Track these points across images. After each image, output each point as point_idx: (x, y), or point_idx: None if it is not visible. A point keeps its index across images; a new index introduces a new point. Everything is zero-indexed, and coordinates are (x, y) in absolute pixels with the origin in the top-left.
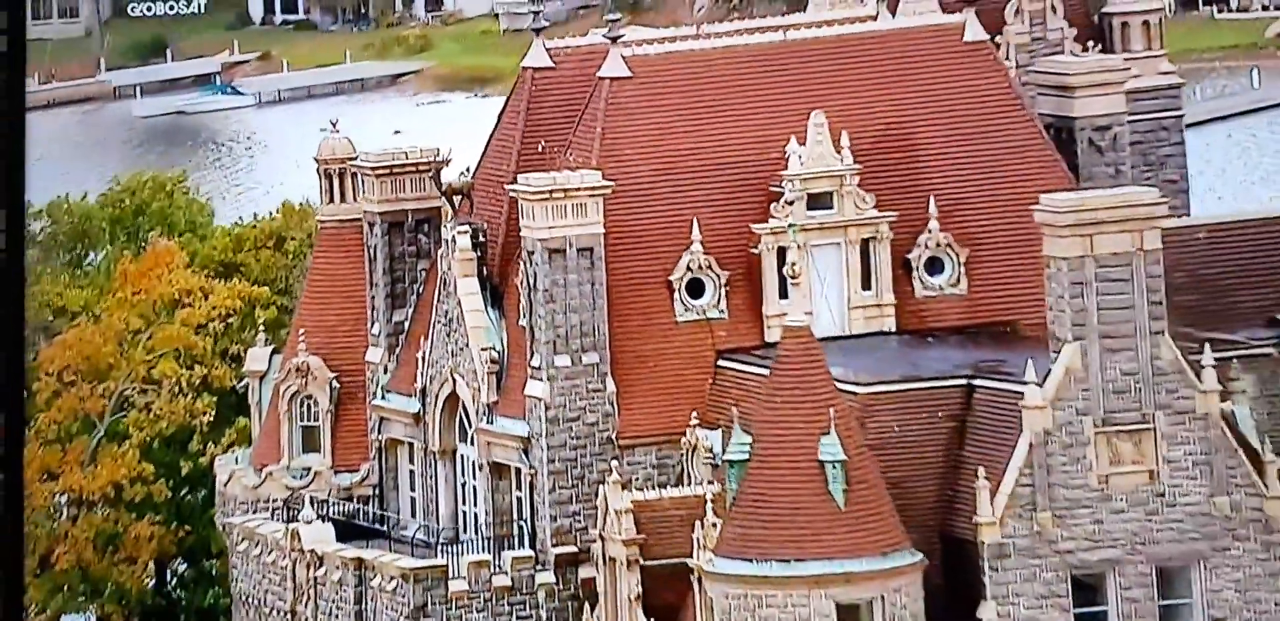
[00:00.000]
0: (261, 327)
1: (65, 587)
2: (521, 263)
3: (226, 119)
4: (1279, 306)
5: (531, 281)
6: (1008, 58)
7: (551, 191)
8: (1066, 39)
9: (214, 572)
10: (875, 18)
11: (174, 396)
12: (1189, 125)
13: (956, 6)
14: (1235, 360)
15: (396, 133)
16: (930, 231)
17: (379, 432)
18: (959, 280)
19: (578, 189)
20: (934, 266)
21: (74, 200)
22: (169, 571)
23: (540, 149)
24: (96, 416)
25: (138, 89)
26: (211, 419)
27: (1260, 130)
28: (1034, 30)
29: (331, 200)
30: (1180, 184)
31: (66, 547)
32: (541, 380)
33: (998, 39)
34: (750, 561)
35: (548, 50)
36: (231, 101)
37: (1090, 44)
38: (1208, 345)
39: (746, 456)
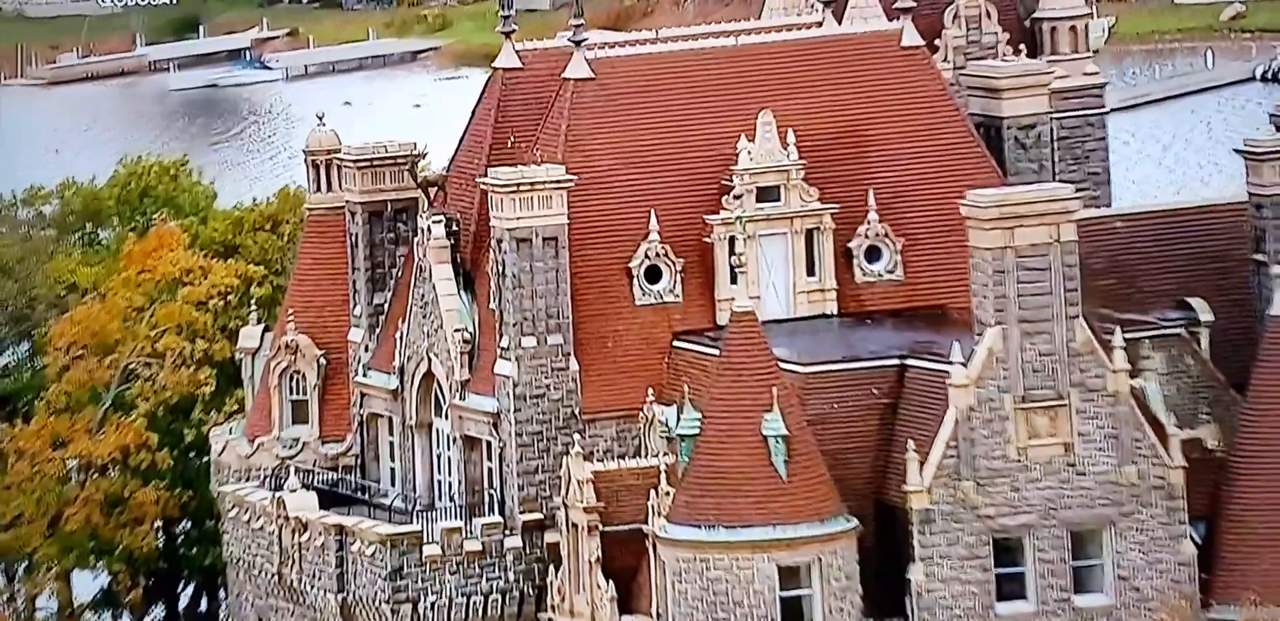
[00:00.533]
0: (254, 306)
1: (75, 547)
2: (491, 250)
3: (256, 92)
4: (1187, 290)
5: (500, 268)
6: (946, 59)
7: (518, 184)
8: (1000, 42)
9: (217, 533)
10: (821, 24)
11: (176, 368)
12: (1155, 101)
13: (900, 13)
14: (1146, 340)
15: (416, 106)
16: (869, 222)
17: (360, 407)
18: (896, 267)
19: (543, 182)
20: (873, 254)
21: (83, 182)
22: (174, 532)
23: (509, 144)
24: (103, 387)
25: (173, 63)
26: (212, 389)
27: (1215, 106)
28: (970, 34)
29: (319, 189)
30: (1102, 176)
31: (76, 509)
32: (509, 360)
33: (937, 42)
34: (699, 527)
35: (516, 52)
36: (260, 75)
37: (1021, 47)
38: (1118, 328)
39: (697, 431)
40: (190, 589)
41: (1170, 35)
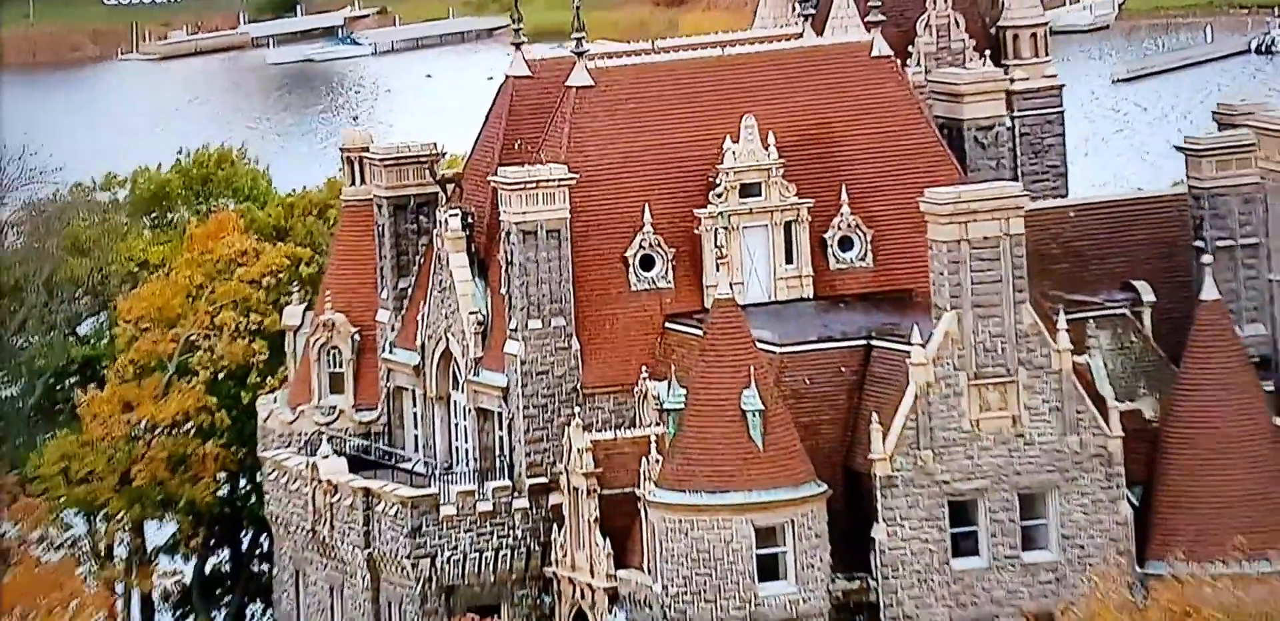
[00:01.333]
0: (301, 285)
1: (143, 500)
2: (501, 241)
3: (348, 66)
4: (1133, 274)
5: (509, 258)
6: (919, 64)
7: (525, 182)
8: (967, 48)
9: None
10: (800, 36)
11: (233, 340)
12: (1161, 72)
13: (871, 26)
14: (1091, 319)
15: (489, 78)
16: (842, 215)
17: (387, 381)
18: (866, 255)
19: (547, 180)
20: (845, 244)
21: (154, 168)
22: (233, 485)
23: (516, 146)
24: (167, 357)
25: (272, 39)
26: (265, 358)
27: (1216, 76)
28: (940, 41)
29: (353, 182)
30: (1060, 167)
31: (142, 467)
32: (518, 340)
33: (910, 48)
34: (685, 492)
35: (526, 61)
36: (351, 51)
37: (987, 52)
38: (1062, 310)
39: (682, 405)
40: (249, 535)
41: (1175, 11)
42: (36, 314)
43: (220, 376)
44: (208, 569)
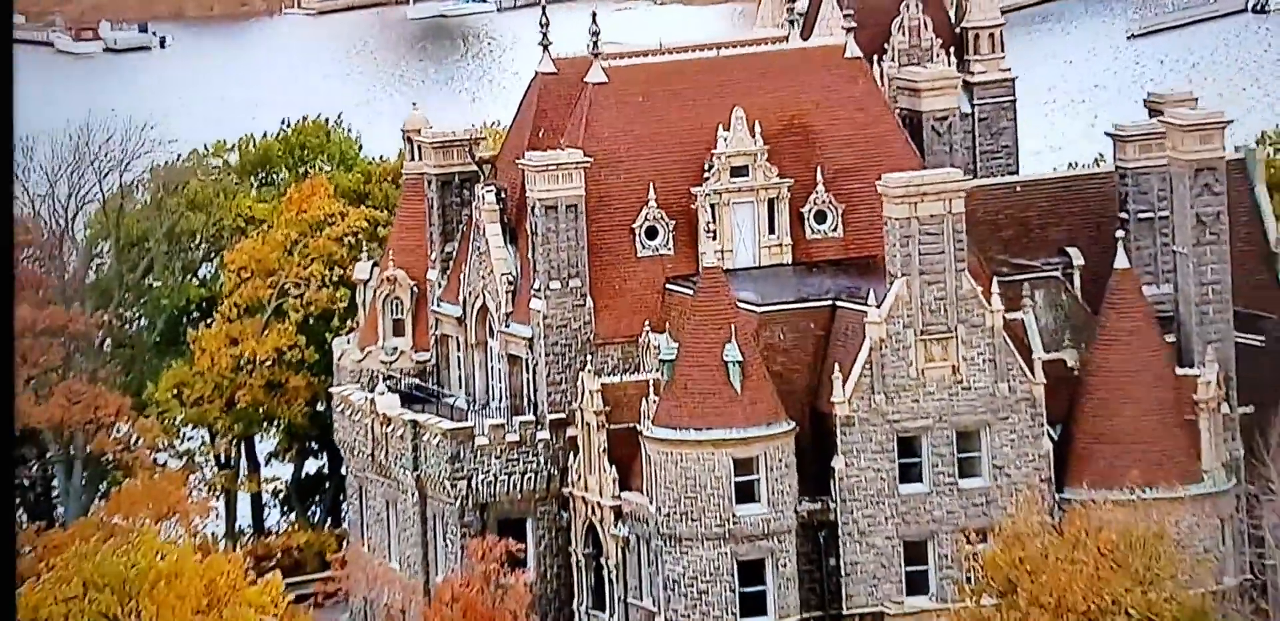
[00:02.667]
0: (378, 244)
1: (246, 420)
2: (528, 214)
3: (475, 21)
4: (1069, 241)
5: (534, 228)
6: (893, 59)
7: (547, 165)
8: (935, 46)
9: None
10: (786, 39)
11: (320, 289)
12: (1170, 28)
13: (846, 30)
14: (1027, 281)
15: (594, 33)
16: (817, 193)
17: (435, 329)
18: (837, 227)
19: (566, 163)
20: (820, 217)
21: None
22: (318, 409)
23: (539, 135)
24: (265, 301)
25: None
26: (346, 305)
27: (1221, 32)
28: (912, 39)
29: (413, 158)
30: (1011, 148)
31: (245, 392)
32: (541, 298)
33: (886, 45)
34: (675, 429)
35: (553, 59)
36: (478, 7)
37: (952, 49)
38: (998, 274)
39: (674, 356)
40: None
41: None
42: (160, 260)
43: (309, 319)
44: (303, 474)
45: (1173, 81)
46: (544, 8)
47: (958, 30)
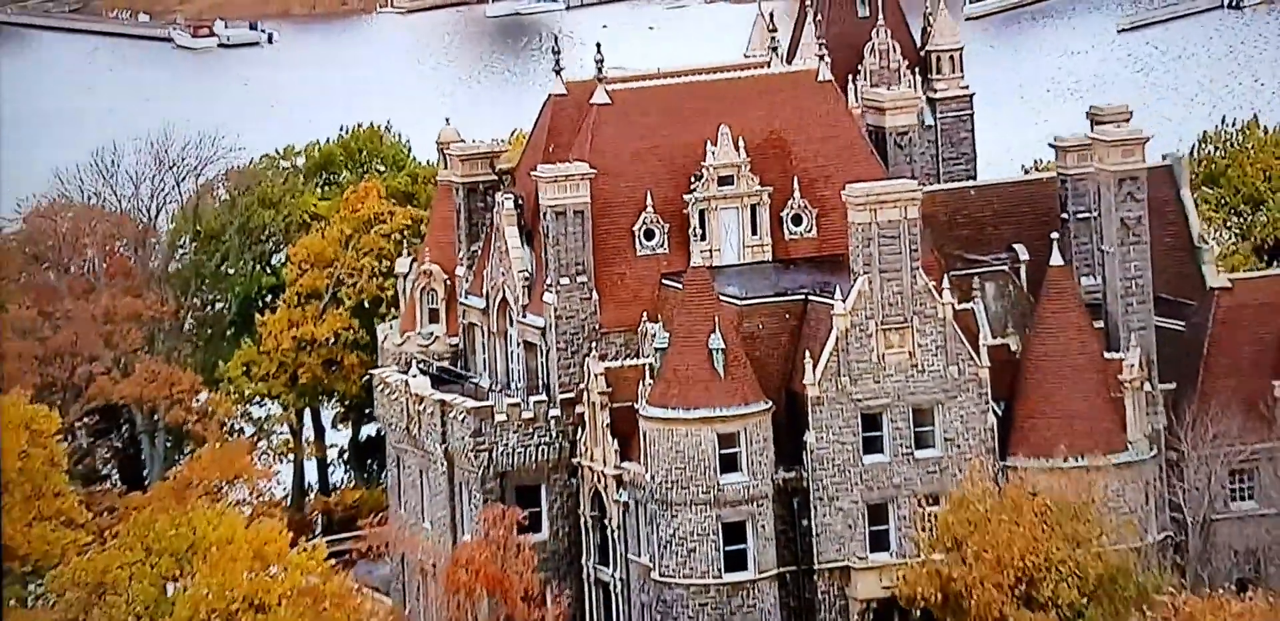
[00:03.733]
0: (417, 242)
1: (307, 393)
2: (541, 218)
3: (546, 19)
4: (1018, 238)
5: (546, 231)
6: (866, 79)
7: (557, 176)
8: (902, 67)
9: None
10: (768, 64)
11: (370, 279)
12: (1153, 23)
13: (819, 57)
14: (977, 275)
15: (650, 28)
16: (794, 199)
17: (463, 318)
18: (811, 229)
19: (573, 174)
20: (796, 220)
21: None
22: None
23: (550, 150)
24: (323, 289)
25: None
26: (393, 293)
27: (1201, 26)
28: (882, 61)
29: (445, 167)
30: (970, 155)
31: (306, 369)
32: (552, 292)
33: (860, 67)
34: (666, 409)
35: (564, 83)
36: (548, 6)
37: (917, 69)
38: (953, 269)
39: (666, 344)
40: None
41: None
42: (235, 252)
43: (362, 305)
44: (361, 439)
45: (1166, 70)
46: (556, 40)
47: (922, 53)
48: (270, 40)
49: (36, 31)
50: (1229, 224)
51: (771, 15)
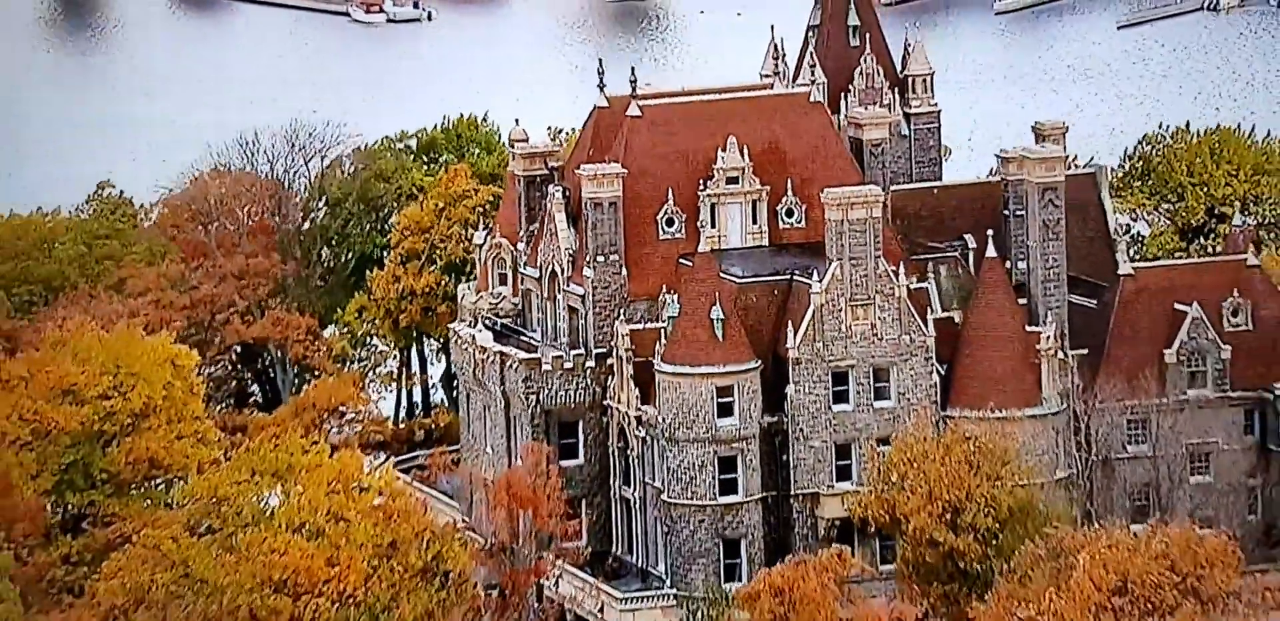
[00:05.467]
0: (495, 215)
1: (407, 335)
2: (583, 207)
3: (656, 3)
4: (970, 229)
5: (586, 218)
6: (854, 97)
7: (596, 174)
8: (884, 88)
9: None
10: (771, 86)
11: (458, 243)
12: (1141, 22)
13: (810, 82)
14: (932, 260)
15: (738, 14)
16: (787, 196)
17: (521, 285)
18: (801, 220)
19: (609, 172)
20: (789, 213)
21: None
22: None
23: (592, 152)
24: (421, 251)
25: None
26: (473, 258)
27: (1189, 25)
28: (868, 83)
29: (514, 160)
30: (936, 159)
31: (407, 315)
32: (590, 267)
33: (849, 87)
34: (675, 365)
35: (606, 98)
36: None
37: (896, 89)
38: (915, 254)
39: (677, 313)
40: None
41: None
42: (356, 217)
43: (451, 265)
44: (452, 373)
45: (1159, 60)
46: (600, 71)
47: (901, 76)
48: (430, 17)
49: (243, 4)
50: (1160, 209)
51: (782, 41)
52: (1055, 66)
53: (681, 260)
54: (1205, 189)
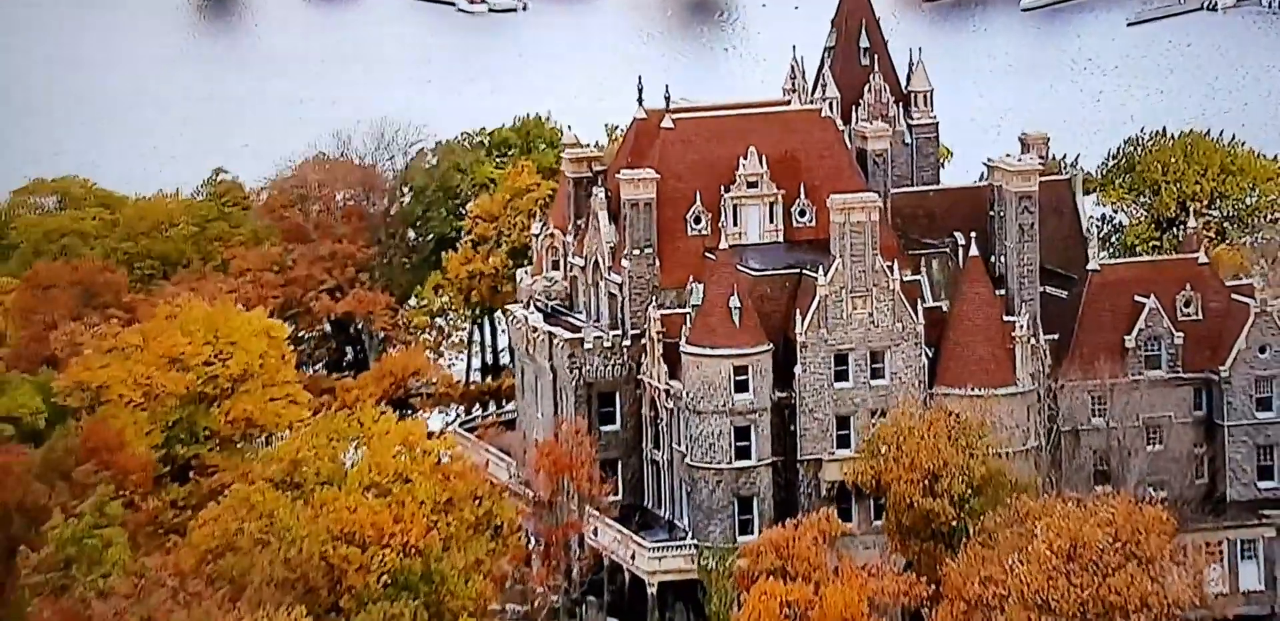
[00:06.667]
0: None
1: (479, 308)
2: (622, 207)
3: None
4: (957, 227)
5: (624, 215)
6: (864, 111)
7: (633, 177)
8: (890, 102)
9: None
10: (789, 103)
11: (521, 231)
12: (1151, 20)
13: (822, 99)
14: (925, 255)
15: (795, 8)
16: (800, 199)
17: (569, 271)
18: (812, 220)
19: (645, 177)
20: (801, 214)
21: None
22: None
23: (629, 162)
24: (489, 237)
25: None
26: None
27: (1193, 23)
28: (876, 98)
29: (564, 162)
30: (935, 163)
31: (476, 292)
32: (628, 259)
33: (859, 102)
34: (699, 347)
35: (645, 111)
36: None
37: (900, 103)
38: (909, 251)
39: (700, 301)
40: None
41: None
42: (436, 205)
43: (515, 249)
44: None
45: (1163, 54)
46: (640, 78)
47: (906, 92)
48: (524, 8)
49: None
50: (1138, 202)
51: (801, 60)
52: (1077, 60)
53: (707, 254)
54: (1177, 185)
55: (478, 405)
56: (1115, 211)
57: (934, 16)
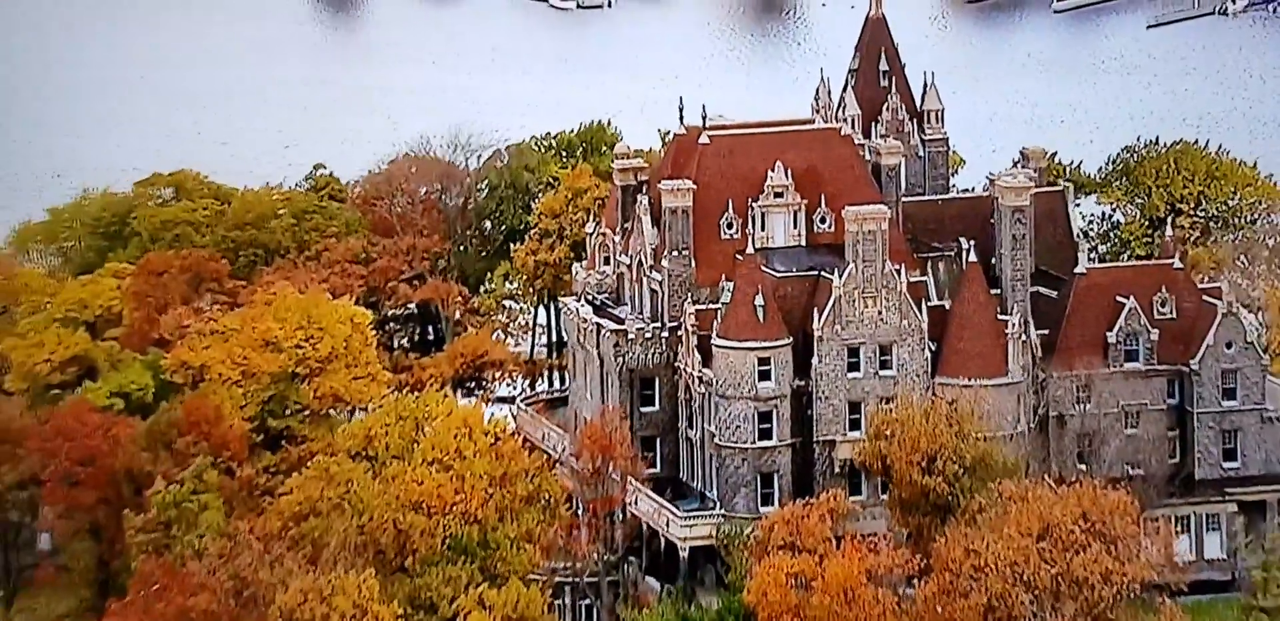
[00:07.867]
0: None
1: (545, 294)
2: (663, 213)
3: None
4: (962, 233)
5: (665, 220)
6: (882, 127)
7: (673, 188)
8: (906, 119)
9: None
10: (812, 121)
11: (581, 227)
12: (1165, 23)
13: (843, 118)
14: (931, 258)
15: (851, 8)
16: (821, 207)
17: (617, 269)
18: (832, 226)
19: (683, 187)
20: (822, 221)
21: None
22: None
23: (670, 170)
24: (554, 231)
25: None
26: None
27: (1208, 26)
28: (894, 116)
29: (615, 171)
30: (946, 174)
31: (542, 280)
32: (667, 259)
33: (878, 118)
34: (727, 340)
35: (684, 127)
36: None
37: (915, 120)
38: (918, 253)
39: (730, 299)
40: None
41: None
42: (507, 201)
43: (575, 244)
44: None
45: (1181, 56)
46: (681, 99)
47: (920, 110)
48: (610, 5)
49: None
50: (1133, 203)
51: (828, 79)
52: (1105, 59)
53: (737, 256)
54: (1167, 189)
55: (541, 378)
56: (1114, 210)
57: (974, 16)
